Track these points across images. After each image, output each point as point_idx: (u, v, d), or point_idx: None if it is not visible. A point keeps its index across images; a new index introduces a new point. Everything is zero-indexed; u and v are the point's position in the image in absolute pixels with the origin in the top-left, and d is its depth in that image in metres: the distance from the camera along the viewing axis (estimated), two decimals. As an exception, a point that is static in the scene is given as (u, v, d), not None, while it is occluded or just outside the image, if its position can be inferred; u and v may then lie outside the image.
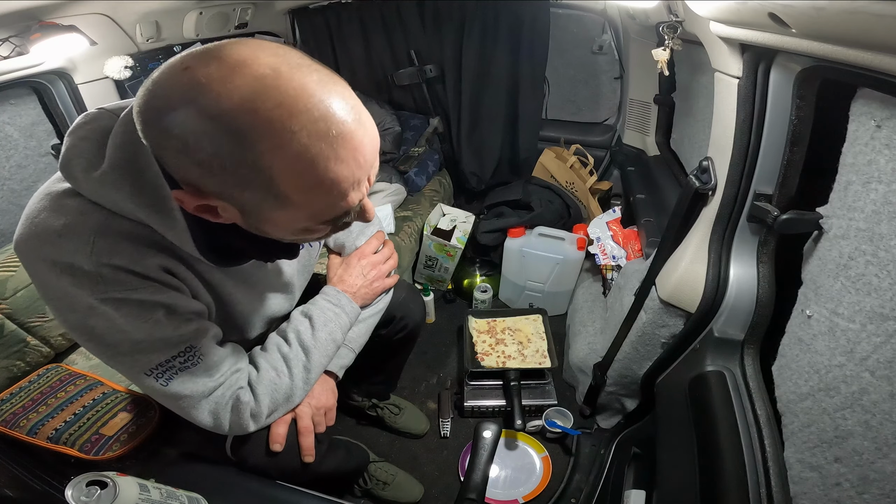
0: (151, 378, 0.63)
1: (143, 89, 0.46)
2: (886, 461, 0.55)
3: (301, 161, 0.46)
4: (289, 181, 0.47)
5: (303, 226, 0.54)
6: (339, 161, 0.47)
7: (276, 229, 0.55)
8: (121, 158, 0.54)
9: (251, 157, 0.45)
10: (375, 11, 2.02)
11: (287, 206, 0.50)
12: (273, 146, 0.44)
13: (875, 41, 0.47)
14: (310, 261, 0.89)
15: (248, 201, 0.50)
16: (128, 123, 0.53)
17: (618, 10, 1.84)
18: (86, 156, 0.55)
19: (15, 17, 1.11)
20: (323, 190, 0.49)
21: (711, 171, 0.90)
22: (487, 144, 2.16)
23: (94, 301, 0.55)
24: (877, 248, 0.58)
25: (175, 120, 0.44)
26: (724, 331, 0.93)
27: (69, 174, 0.56)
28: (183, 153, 0.45)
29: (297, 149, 0.45)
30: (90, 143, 0.56)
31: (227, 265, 0.66)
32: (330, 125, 0.46)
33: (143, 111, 0.46)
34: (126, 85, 1.55)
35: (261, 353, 0.78)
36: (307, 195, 0.49)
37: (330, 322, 0.84)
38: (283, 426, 0.79)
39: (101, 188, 0.55)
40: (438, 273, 2.02)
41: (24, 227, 0.56)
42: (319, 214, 0.53)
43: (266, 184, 0.47)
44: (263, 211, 0.51)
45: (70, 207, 0.55)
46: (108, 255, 0.55)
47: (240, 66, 0.44)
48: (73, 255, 0.54)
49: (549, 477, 1.34)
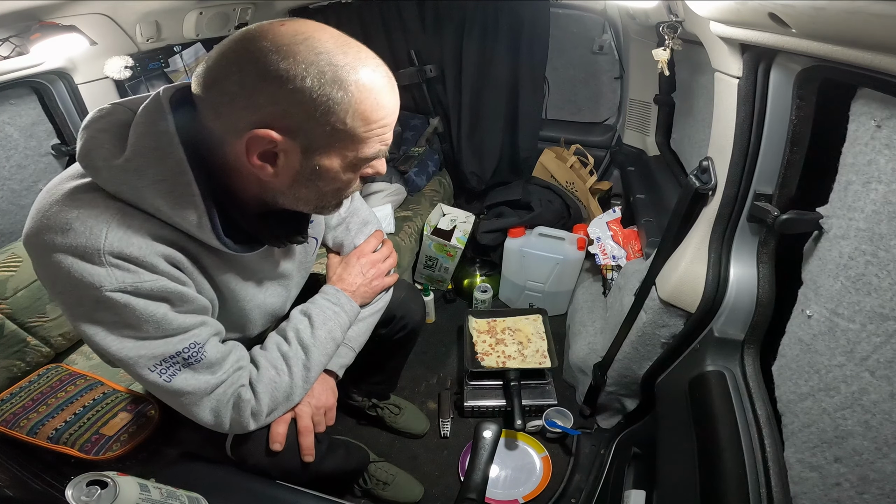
0: (155, 374, 0.63)
1: (218, 54, 0.55)
2: (886, 461, 0.55)
3: (372, 93, 0.56)
4: (359, 110, 0.56)
5: (351, 163, 0.61)
6: (390, 94, 0.59)
7: (329, 167, 0.60)
8: (144, 146, 0.56)
9: (337, 87, 0.54)
10: (375, 11, 2.02)
11: (349, 136, 0.58)
12: (356, 79, 0.55)
13: (875, 41, 0.47)
14: (308, 258, 0.89)
15: (317, 135, 0.56)
16: (150, 113, 0.57)
17: (618, 10, 1.84)
18: (106, 146, 0.57)
19: (15, 17, 1.11)
20: (377, 121, 0.58)
21: (711, 171, 0.90)
22: (487, 144, 2.16)
23: (103, 294, 0.56)
24: (877, 248, 0.58)
25: (277, 58, 0.52)
26: (724, 331, 0.93)
27: (89, 164, 0.57)
28: (283, 85, 0.52)
29: (370, 84, 0.56)
30: (110, 135, 0.58)
31: (241, 251, 0.66)
32: (386, 71, 0.59)
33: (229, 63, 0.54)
34: (126, 85, 1.55)
35: (261, 352, 0.78)
36: (367, 126, 0.58)
37: (329, 321, 0.84)
38: (283, 425, 0.79)
39: (123, 175, 0.56)
40: (438, 273, 2.02)
41: (34, 220, 0.57)
42: (366, 148, 0.60)
43: (343, 112, 0.55)
44: (328, 144, 0.58)
45: (84, 200, 0.56)
46: (119, 247, 0.56)
47: (321, 25, 0.56)
48: (84, 245, 0.55)
49: (549, 477, 1.34)
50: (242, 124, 0.55)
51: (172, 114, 0.57)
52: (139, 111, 0.58)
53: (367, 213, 1.01)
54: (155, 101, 0.58)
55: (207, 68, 0.55)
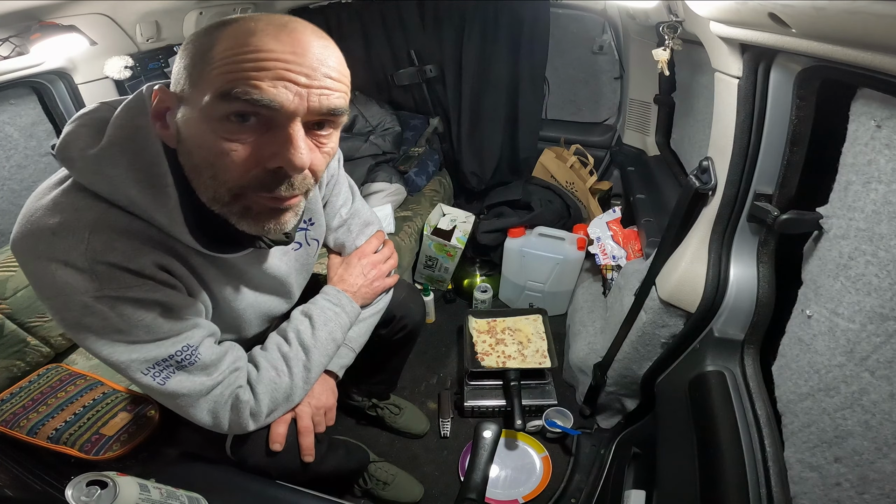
0: (149, 377, 0.63)
1: None
2: (886, 461, 0.55)
3: (241, 32, 0.50)
4: (221, 47, 0.50)
5: (206, 107, 0.51)
6: (274, 38, 0.50)
7: (190, 121, 0.53)
8: (120, 136, 0.56)
9: (206, 34, 0.52)
10: (375, 11, 2.02)
11: (206, 75, 0.51)
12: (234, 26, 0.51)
13: (875, 41, 0.47)
14: (308, 260, 0.89)
15: (187, 84, 0.53)
16: (130, 108, 0.57)
17: (618, 10, 1.84)
18: (84, 138, 0.57)
19: (15, 17, 1.11)
20: (240, 54, 0.49)
21: (711, 171, 0.90)
22: (487, 144, 2.16)
23: (89, 300, 0.55)
24: (877, 248, 0.58)
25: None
26: (724, 331, 0.93)
27: (65, 156, 0.57)
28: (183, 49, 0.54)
29: (245, 27, 0.51)
30: (88, 129, 0.58)
31: (219, 251, 0.64)
32: (284, 20, 0.52)
33: None
34: (126, 85, 1.55)
35: (261, 353, 0.78)
36: (224, 62, 0.50)
37: (330, 321, 0.84)
38: (283, 426, 0.79)
39: (97, 163, 0.55)
40: (438, 273, 2.02)
41: (20, 225, 0.57)
42: (221, 82, 0.50)
43: (208, 54, 0.51)
44: (192, 89, 0.52)
45: (65, 205, 0.56)
46: (103, 253, 0.55)
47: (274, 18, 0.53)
48: (67, 253, 0.54)
49: (549, 477, 1.34)
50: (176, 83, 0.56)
51: None
52: (120, 107, 0.58)
53: (369, 214, 1.01)
54: (137, 98, 0.58)
55: None
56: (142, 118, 0.57)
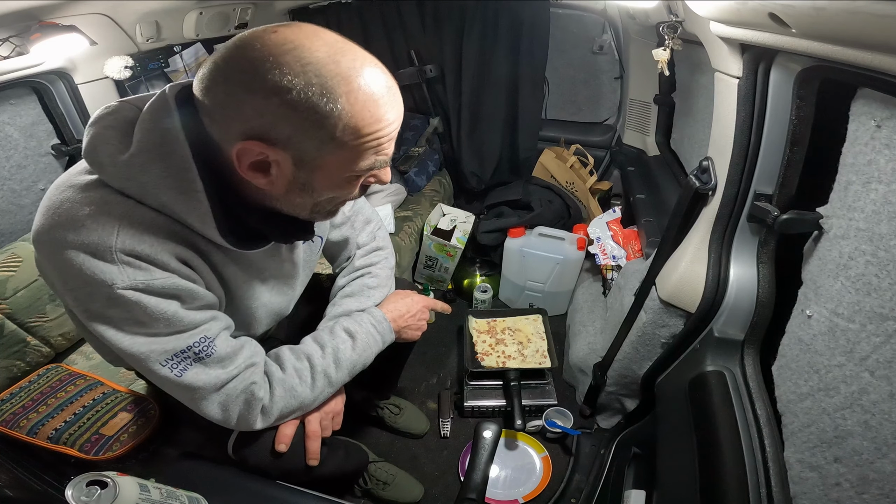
0: (166, 368, 0.63)
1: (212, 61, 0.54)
2: (886, 461, 0.55)
3: (366, 105, 0.54)
4: (351, 124, 0.54)
5: (346, 175, 0.60)
6: (389, 105, 0.57)
7: (324, 178, 0.60)
8: (149, 142, 0.57)
9: (326, 99, 0.52)
10: (375, 11, 2.02)
11: (342, 149, 0.56)
12: (347, 91, 0.53)
13: (875, 41, 0.47)
14: (313, 257, 0.90)
15: (308, 148, 0.55)
16: (155, 111, 0.57)
17: (618, 10, 1.84)
18: (112, 142, 0.57)
19: (15, 17, 1.11)
20: (371, 133, 0.56)
21: (711, 171, 0.90)
22: (487, 144, 2.16)
23: (114, 291, 0.56)
24: (877, 248, 0.58)
25: (264, 70, 0.51)
26: (724, 331, 0.93)
27: (94, 160, 0.58)
28: (268, 98, 0.51)
29: (364, 96, 0.54)
30: (115, 132, 0.58)
31: (246, 248, 0.67)
32: (387, 80, 0.57)
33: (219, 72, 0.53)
34: (126, 85, 1.55)
35: (291, 357, 0.78)
36: (361, 139, 0.56)
37: (369, 348, 0.85)
38: (292, 427, 0.79)
39: (127, 171, 0.57)
40: (438, 273, 2.02)
41: (45, 217, 0.57)
42: (361, 161, 0.59)
43: (333, 126, 0.54)
44: (320, 157, 0.57)
45: (94, 198, 0.57)
46: (131, 244, 0.56)
47: (316, 31, 0.54)
48: (97, 242, 0.55)
49: (549, 477, 1.34)
50: (233, 133, 0.54)
51: (178, 111, 0.57)
52: (145, 108, 0.59)
53: (370, 211, 1.02)
54: (161, 99, 0.58)
55: (203, 74, 0.55)
56: (167, 121, 0.57)
